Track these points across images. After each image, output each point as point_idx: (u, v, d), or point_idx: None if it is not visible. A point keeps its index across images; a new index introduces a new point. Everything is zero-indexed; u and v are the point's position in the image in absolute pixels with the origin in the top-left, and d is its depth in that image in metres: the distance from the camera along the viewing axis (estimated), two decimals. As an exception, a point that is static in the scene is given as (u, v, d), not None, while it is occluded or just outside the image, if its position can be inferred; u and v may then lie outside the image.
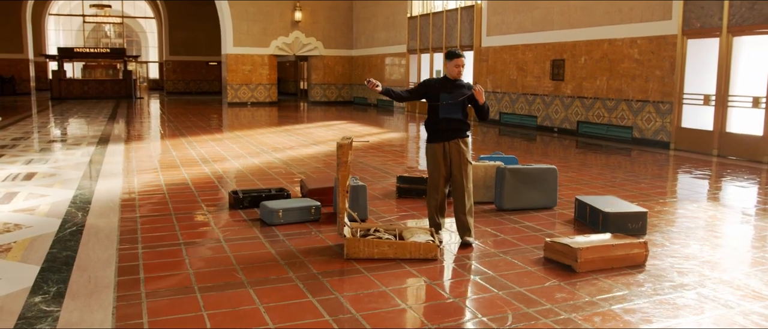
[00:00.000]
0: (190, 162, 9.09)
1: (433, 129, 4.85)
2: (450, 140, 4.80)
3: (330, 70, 25.81)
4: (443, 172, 4.82)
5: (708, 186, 7.98)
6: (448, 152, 4.80)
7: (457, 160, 4.79)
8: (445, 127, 4.79)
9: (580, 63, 13.47)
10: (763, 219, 6.04)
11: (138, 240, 4.90)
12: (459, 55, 4.77)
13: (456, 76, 4.80)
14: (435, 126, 4.84)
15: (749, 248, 5.07)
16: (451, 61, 4.79)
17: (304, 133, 13.65)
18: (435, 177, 4.84)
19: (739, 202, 7.00)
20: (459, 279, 4.12)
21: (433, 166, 4.84)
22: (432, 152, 4.85)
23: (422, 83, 4.97)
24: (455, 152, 4.79)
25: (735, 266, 4.49)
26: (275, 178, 7.89)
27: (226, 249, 4.67)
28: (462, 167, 4.79)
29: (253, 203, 6.09)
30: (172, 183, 7.42)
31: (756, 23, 9.63)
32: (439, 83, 4.86)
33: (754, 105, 9.79)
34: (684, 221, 5.86)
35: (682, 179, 8.45)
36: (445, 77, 4.88)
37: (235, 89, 23.92)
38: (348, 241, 4.42)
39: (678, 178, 8.58)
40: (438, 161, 4.81)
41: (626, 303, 3.68)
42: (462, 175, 4.80)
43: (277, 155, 10.03)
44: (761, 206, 6.75)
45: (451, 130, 4.79)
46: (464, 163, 4.79)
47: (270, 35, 24.13)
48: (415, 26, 20.76)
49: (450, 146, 4.80)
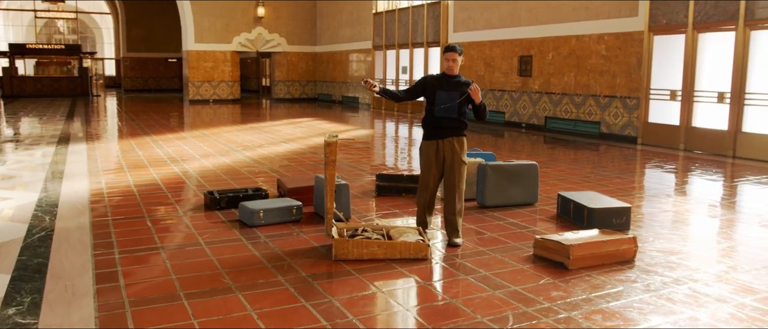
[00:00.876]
0: (158, 162, 8.79)
1: (429, 127, 4.75)
2: (444, 138, 4.70)
3: (294, 66, 25.50)
4: (435, 171, 4.73)
5: (681, 181, 8.12)
6: (441, 151, 4.71)
7: (450, 159, 4.71)
8: (440, 125, 4.69)
9: (547, 59, 13.58)
10: (737, 212, 6.16)
11: (113, 245, 4.67)
12: (451, 48, 4.68)
13: (450, 71, 4.71)
14: (430, 124, 4.73)
15: (730, 241, 5.14)
16: (444, 55, 4.71)
17: (272, 130, 13.41)
18: (426, 175, 4.74)
19: (712, 196, 7.13)
20: (452, 278, 4.04)
21: (426, 164, 4.74)
22: (425, 150, 4.75)
23: (420, 81, 4.85)
24: (449, 151, 4.70)
25: (720, 259, 4.54)
26: (249, 177, 7.69)
27: (208, 253, 4.49)
28: (455, 167, 4.71)
29: (230, 204, 5.91)
30: (142, 184, 7.15)
31: (721, 20, 9.85)
32: (436, 81, 4.75)
33: (719, 100, 10.01)
34: (663, 216, 5.92)
35: (655, 174, 8.57)
36: (443, 73, 4.78)
37: (196, 87, 23.40)
38: (336, 242, 4.30)
39: (651, 173, 8.71)
40: (430, 160, 4.71)
41: (623, 300, 3.66)
42: (455, 175, 4.71)
43: (247, 153, 9.81)
44: (732, 199, 6.88)
45: (447, 128, 4.69)
46: (458, 163, 4.71)
47: (232, 31, 23.69)
48: (381, 22, 20.66)
49: (444, 144, 4.70)
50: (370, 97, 21.62)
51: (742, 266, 4.35)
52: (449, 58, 4.67)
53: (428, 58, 18.20)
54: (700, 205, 6.56)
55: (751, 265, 4.38)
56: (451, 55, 4.65)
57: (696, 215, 6.09)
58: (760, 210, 6.32)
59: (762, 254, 4.73)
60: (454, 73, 4.72)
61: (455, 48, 4.66)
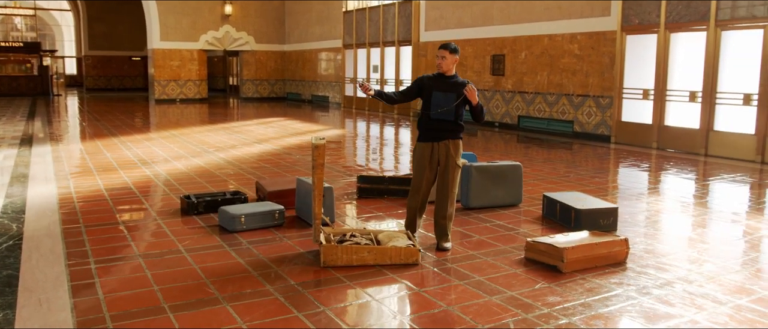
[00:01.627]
0: (128, 164, 8.49)
1: (424, 128, 4.62)
2: (440, 141, 4.58)
3: (262, 65, 25.14)
4: (429, 174, 4.60)
5: (658, 180, 8.18)
6: (436, 153, 4.58)
7: (444, 162, 4.59)
8: (435, 127, 4.57)
9: (520, 58, 13.62)
10: (717, 211, 6.21)
11: (88, 254, 4.44)
12: (444, 46, 4.56)
13: (443, 70, 4.59)
14: (426, 125, 4.60)
15: (714, 241, 5.16)
16: (437, 52, 4.60)
17: (244, 131, 13.14)
18: (419, 178, 4.61)
19: (691, 195, 7.18)
20: (447, 284, 3.93)
21: (419, 166, 4.61)
22: (419, 152, 4.62)
23: (416, 82, 4.70)
24: (444, 154, 4.59)
25: (709, 260, 4.53)
26: (224, 180, 7.47)
27: (190, 261, 4.30)
28: (449, 171, 4.60)
29: (208, 208, 5.70)
30: (113, 188, 6.88)
31: (692, 20, 9.98)
32: (432, 81, 4.62)
33: (691, 99, 10.15)
34: (644, 216, 5.93)
35: (632, 173, 8.63)
36: (439, 73, 4.66)
37: (162, 86, 22.87)
38: (325, 248, 4.16)
39: (628, 172, 8.76)
40: (424, 162, 4.58)
41: (621, 304, 3.60)
42: (448, 179, 4.60)
43: (220, 154, 9.56)
44: (710, 198, 6.95)
45: (442, 130, 4.57)
46: (452, 166, 4.60)
47: (199, 29, 23.22)
48: (351, 21, 20.49)
49: (439, 147, 4.58)
50: (340, 96, 21.45)
51: (731, 266, 4.36)
52: (439, 55, 4.55)
53: (399, 57, 18.11)
54: (680, 204, 6.60)
55: (739, 265, 4.39)
56: (441, 52, 4.54)
57: (677, 215, 6.11)
58: (738, 208, 6.40)
59: (748, 253, 4.75)
60: (450, 72, 4.61)
61: (448, 46, 4.55)
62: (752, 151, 9.28)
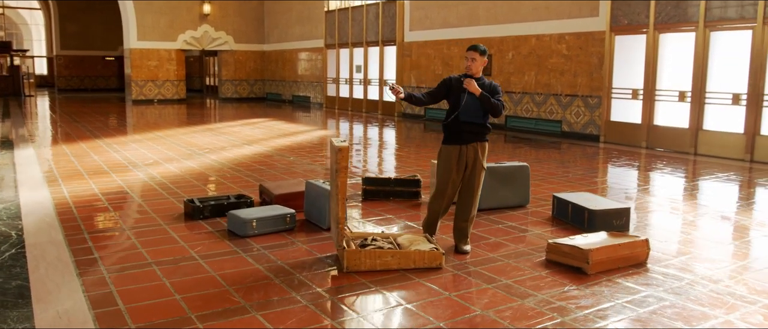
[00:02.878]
0: (118, 167, 8.26)
1: (451, 130, 4.53)
2: (468, 143, 4.51)
3: (241, 65, 24.84)
4: (455, 177, 4.52)
5: (657, 179, 8.24)
6: (463, 157, 4.51)
7: (471, 165, 4.52)
8: (464, 130, 4.48)
9: (507, 58, 13.66)
10: (718, 209, 6.26)
11: (98, 262, 4.27)
12: (473, 47, 4.49)
13: (472, 72, 4.52)
14: (454, 128, 4.51)
15: (727, 239, 5.19)
16: (465, 53, 4.53)
17: (230, 132, 12.92)
18: (444, 181, 4.52)
19: (692, 193, 7.24)
20: (475, 288, 3.87)
21: (445, 170, 4.52)
22: (446, 155, 4.52)
23: (443, 83, 4.59)
24: (472, 156, 4.51)
25: (725, 258, 4.55)
26: (223, 183, 7.31)
27: (207, 268, 4.17)
28: (476, 174, 4.53)
29: (214, 213, 5.55)
30: (109, 192, 6.67)
31: (681, 21, 10.10)
32: (459, 83, 4.54)
33: (680, 99, 10.27)
34: (650, 215, 5.95)
35: (628, 173, 8.68)
36: (465, 74, 4.58)
37: (140, 86, 22.43)
38: (348, 253, 4.06)
39: (622, 171, 8.81)
40: (451, 165, 4.50)
41: (655, 305, 3.58)
42: (475, 182, 4.54)
43: (211, 156, 9.36)
44: (711, 195, 7.03)
45: (470, 133, 4.50)
46: (479, 169, 4.54)
47: (177, 29, 22.83)
48: (333, 21, 20.34)
49: (467, 149, 4.50)
50: (322, 96, 21.29)
51: (752, 265, 4.38)
52: (469, 57, 4.48)
53: (384, 57, 18.03)
54: (683, 203, 6.65)
55: (759, 264, 4.41)
56: (471, 54, 4.47)
57: (682, 214, 6.15)
58: (737, 207, 6.47)
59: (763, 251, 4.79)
60: (478, 74, 4.54)
61: (477, 47, 4.48)
62: (741, 149, 9.43)
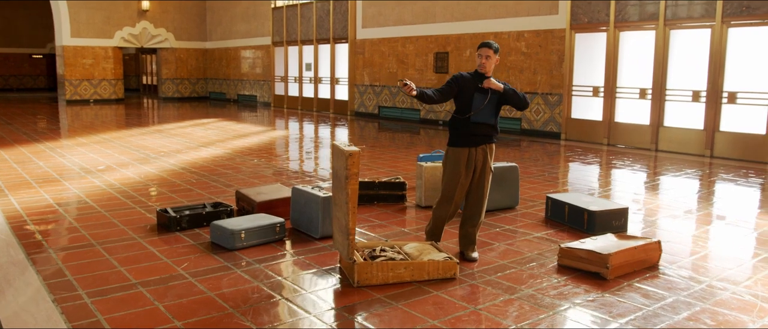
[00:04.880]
0: (70, 174, 7.61)
1: (460, 132, 4.26)
2: (478, 145, 4.27)
3: (182, 63, 23.89)
4: (464, 181, 4.27)
5: (625, 176, 8.28)
6: (473, 160, 4.26)
7: (480, 168, 4.28)
8: (475, 131, 4.23)
9: (465, 56, 13.58)
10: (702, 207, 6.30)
11: (74, 285, 3.80)
12: (485, 45, 4.25)
13: (484, 70, 4.28)
14: (463, 129, 4.25)
15: (726, 239, 5.17)
16: (477, 51, 4.26)
17: (181, 133, 12.28)
18: (453, 186, 4.26)
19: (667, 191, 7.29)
20: (500, 299, 3.64)
21: (454, 173, 4.26)
22: (455, 158, 4.26)
23: (453, 80, 4.27)
24: (481, 159, 4.28)
25: (731, 258, 4.51)
26: (190, 189, 6.82)
27: (201, 287, 3.77)
28: (485, 177, 4.30)
29: (192, 223, 5.12)
30: (66, 202, 6.08)
31: (642, 19, 10.24)
32: (471, 82, 4.27)
33: (641, 96, 10.43)
34: (639, 214, 5.91)
35: (590, 170, 8.70)
36: (476, 72, 4.32)
37: (74, 86, 21.18)
38: (360, 266, 3.76)
39: (588, 169, 8.83)
40: (460, 169, 4.24)
41: (688, 311, 3.46)
42: (484, 185, 4.31)
43: (169, 160, 8.79)
44: (682, 192, 7.09)
45: (481, 135, 4.25)
46: (488, 172, 4.31)
47: (114, 25, 21.70)
48: (281, 17, 19.80)
49: (477, 152, 4.27)
50: (269, 95, 20.71)
51: (761, 266, 4.35)
52: (483, 54, 4.23)
53: (335, 55, 17.66)
54: (664, 202, 6.66)
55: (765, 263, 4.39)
56: (486, 51, 4.23)
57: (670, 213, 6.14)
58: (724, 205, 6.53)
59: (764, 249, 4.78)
60: (488, 72, 4.31)
61: (491, 44, 4.25)
62: (701, 145, 9.64)
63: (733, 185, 7.44)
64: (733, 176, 7.88)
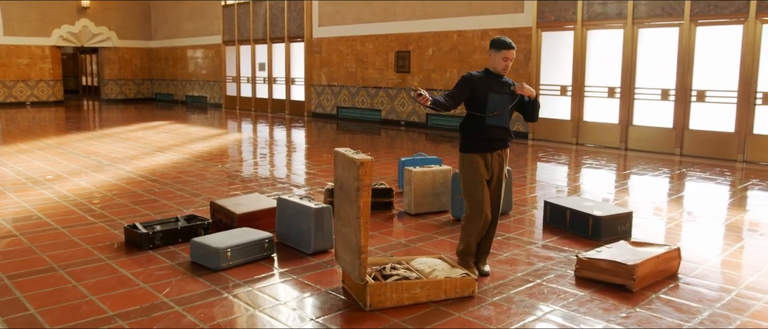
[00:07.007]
0: (16, 185, 6.89)
1: (475, 136, 3.88)
2: (493, 151, 3.92)
3: (126, 63, 22.76)
4: (487, 190, 3.91)
5: (607, 176, 8.16)
6: (489, 166, 3.92)
7: (497, 175, 3.95)
8: (490, 135, 3.88)
9: (427, 55, 13.30)
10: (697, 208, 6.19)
11: (39, 321, 3.25)
12: (509, 45, 3.89)
13: (503, 72, 3.93)
14: (478, 133, 3.87)
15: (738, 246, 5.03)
16: (499, 52, 3.87)
17: (134, 138, 11.51)
18: (479, 197, 3.89)
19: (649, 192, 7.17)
20: (530, 319, 3.31)
21: (476, 182, 3.89)
22: (473, 165, 3.89)
23: (464, 82, 3.88)
24: (497, 165, 3.94)
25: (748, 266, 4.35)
26: (154, 199, 6.23)
27: (192, 319, 3.29)
28: (501, 183, 3.98)
29: (166, 240, 4.60)
30: (15, 218, 5.43)
31: (609, 18, 10.19)
32: (483, 82, 3.90)
33: (610, 95, 10.38)
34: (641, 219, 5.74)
35: (561, 170, 8.55)
36: (487, 71, 3.97)
37: (9, 87, 19.82)
38: (373, 288, 3.36)
39: (559, 168, 8.68)
40: (481, 177, 3.88)
41: (733, 325, 3.22)
42: (501, 193, 3.98)
43: (124, 167, 8.13)
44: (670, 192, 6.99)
45: (497, 139, 3.91)
46: (503, 178, 3.98)
47: (51, 23, 20.43)
48: (232, 16, 19.06)
49: (492, 158, 3.92)
50: (220, 96, 19.93)
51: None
52: (508, 57, 3.88)
53: (290, 54, 17.10)
54: (647, 203, 6.52)
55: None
56: (511, 54, 3.87)
57: (660, 215, 5.99)
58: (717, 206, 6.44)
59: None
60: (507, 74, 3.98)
61: (512, 45, 3.90)
62: (671, 143, 9.65)
63: (714, 183, 7.39)
64: (709, 175, 7.85)
